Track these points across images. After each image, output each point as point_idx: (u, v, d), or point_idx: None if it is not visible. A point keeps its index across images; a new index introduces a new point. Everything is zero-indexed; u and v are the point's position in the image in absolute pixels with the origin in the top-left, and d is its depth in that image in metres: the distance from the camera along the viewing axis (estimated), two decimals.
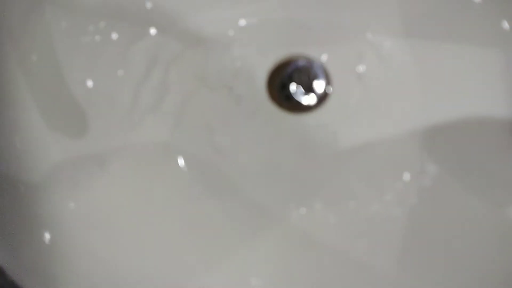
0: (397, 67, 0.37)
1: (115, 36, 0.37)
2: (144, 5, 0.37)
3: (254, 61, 0.38)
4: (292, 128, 0.38)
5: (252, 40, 0.38)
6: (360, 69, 0.38)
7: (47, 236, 0.33)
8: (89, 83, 0.36)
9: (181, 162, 0.37)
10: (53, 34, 0.35)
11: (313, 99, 0.38)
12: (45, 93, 0.35)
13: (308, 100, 0.38)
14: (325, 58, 0.38)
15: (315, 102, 0.38)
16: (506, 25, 0.34)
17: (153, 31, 0.37)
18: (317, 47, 0.38)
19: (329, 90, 0.38)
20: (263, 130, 0.38)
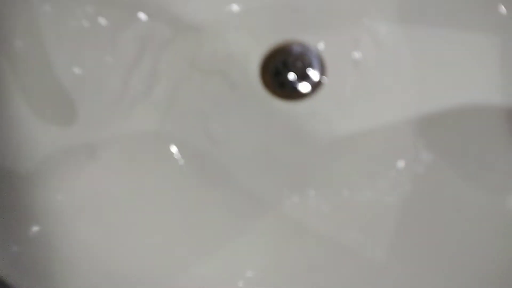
0: (393, 53, 0.37)
1: (103, 21, 0.35)
2: None
3: (247, 47, 0.37)
4: (286, 116, 0.38)
5: (246, 25, 0.37)
6: (356, 56, 0.37)
7: (36, 228, 0.31)
8: (77, 70, 0.35)
9: (173, 150, 0.36)
10: (37, 18, 0.33)
11: (307, 86, 0.38)
12: (31, 81, 0.33)
13: (303, 87, 0.38)
14: (320, 44, 0.38)
15: (310, 89, 0.38)
16: (503, 9, 0.34)
17: (143, 16, 0.36)
18: (312, 33, 0.37)
19: (323, 77, 0.38)
20: (256, 117, 0.38)
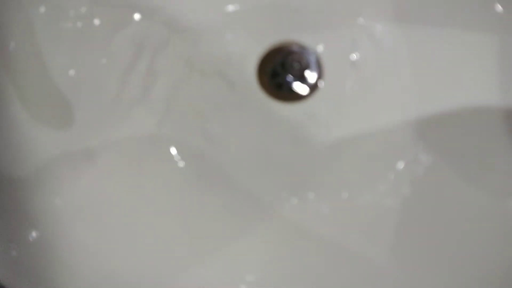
0: (391, 54, 0.37)
1: (97, 22, 0.35)
2: None
3: (244, 48, 0.37)
4: (284, 117, 0.38)
5: (243, 26, 0.37)
6: (353, 56, 0.37)
7: (34, 232, 0.31)
8: (73, 72, 0.34)
9: (171, 152, 0.36)
10: (32, 20, 0.33)
11: (305, 87, 0.38)
12: (27, 84, 0.33)
13: (300, 89, 0.38)
14: (318, 45, 0.37)
15: (307, 90, 0.38)
16: (499, 8, 0.34)
17: (138, 17, 0.36)
18: (310, 34, 0.37)
19: (321, 78, 0.38)
20: (254, 119, 0.38)
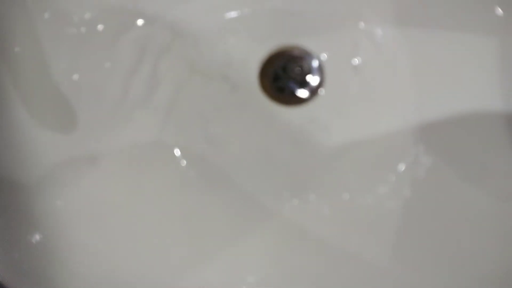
0: (391, 57, 0.37)
1: (101, 27, 0.35)
2: None
3: (246, 52, 0.37)
4: (286, 120, 0.38)
5: (244, 30, 0.37)
6: (354, 60, 0.37)
7: (37, 235, 0.31)
8: (75, 76, 0.35)
9: (173, 155, 0.36)
10: (37, 25, 0.33)
11: (306, 91, 0.38)
12: (31, 88, 0.33)
13: (302, 92, 0.38)
14: (319, 49, 0.38)
15: (309, 94, 0.38)
16: (499, 11, 0.34)
17: (141, 22, 0.36)
18: (311, 38, 0.38)
19: (322, 81, 0.38)
20: (256, 122, 0.38)
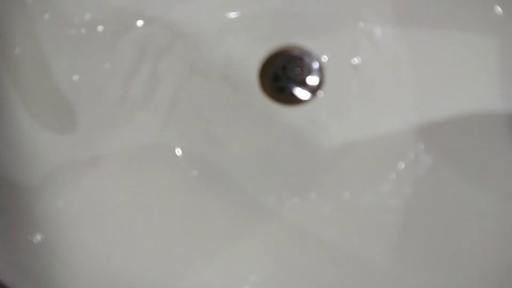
0: (392, 57, 0.37)
1: (101, 28, 0.35)
2: None
3: (246, 52, 0.38)
4: (286, 120, 0.38)
5: (244, 30, 0.37)
6: (354, 60, 0.37)
7: (39, 236, 0.31)
8: (76, 77, 0.35)
9: (174, 155, 0.37)
10: (37, 26, 0.34)
11: (306, 91, 0.38)
12: (31, 88, 0.34)
13: (302, 92, 0.38)
14: (319, 49, 0.38)
15: (309, 93, 0.38)
16: (498, 10, 0.34)
17: (141, 23, 0.36)
18: (311, 38, 0.38)
19: (322, 81, 0.38)
20: (256, 122, 0.38)
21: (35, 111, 0.33)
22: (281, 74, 0.38)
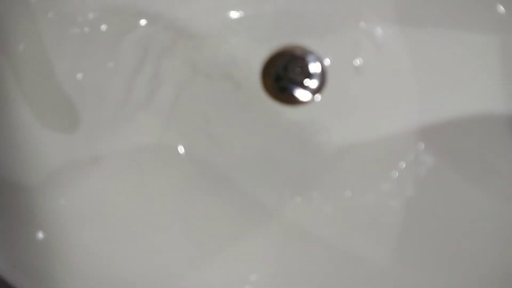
0: (393, 57, 0.37)
1: (104, 27, 0.36)
2: None
3: (248, 52, 0.38)
4: (288, 120, 0.38)
5: (246, 30, 0.37)
6: (355, 60, 0.37)
7: (41, 235, 0.31)
8: (79, 76, 0.35)
9: (176, 155, 0.36)
10: (40, 25, 0.34)
11: (308, 91, 0.38)
12: (33, 87, 0.34)
13: (304, 92, 0.38)
14: (321, 49, 0.38)
15: (311, 93, 0.38)
16: (501, 9, 0.34)
17: (144, 22, 0.36)
18: (313, 38, 0.38)
19: (324, 81, 0.38)
20: (258, 121, 0.38)
21: (37, 110, 0.34)
22: (283, 74, 0.38)
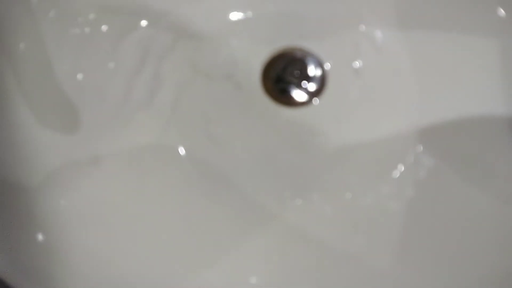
0: (393, 59, 0.37)
1: (105, 28, 0.35)
2: None
3: (248, 54, 0.38)
4: (288, 122, 0.38)
5: (246, 32, 0.37)
6: (355, 62, 0.38)
7: (41, 236, 0.31)
8: (79, 77, 0.35)
9: (176, 156, 0.36)
10: (41, 25, 0.34)
11: (309, 92, 0.38)
12: (33, 87, 0.33)
13: (304, 94, 0.38)
14: (321, 51, 0.38)
15: (311, 95, 0.38)
16: (501, 12, 0.34)
17: (144, 23, 0.36)
18: (313, 40, 0.38)
19: (324, 83, 0.38)
20: (258, 123, 0.38)
21: (37, 110, 0.33)
22: (284, 76, 0.38)
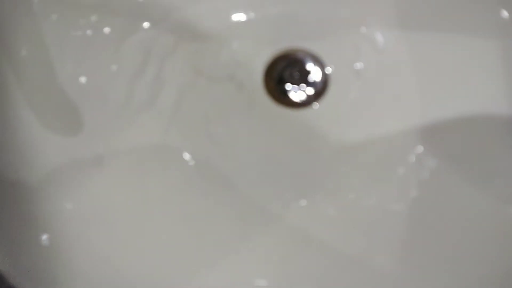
0: (395, 61, 0.37)
1: (107, 30, 0.35)
2: None
3: (250, 55, 0.38)
4: (291, 123, 0.38)
5: (249, 33, 0.37)
6: (357, 63, 0.37)
7: (45, 237, 0.31)
8: (82, 79, 0.35)
9: (179, 158, 0.36)
10: (43, 27, 0.34)
11: (311, 93, 0.38)
12: (36, 89, 0.34)
13: (305, 95, 0.38)
14: (323, 52, 0.38)
15: (313, 96, 0.38)
16: (505, 14, 0.34)
17: (146, 25, 0.36)
18: (315, 42, 0.38)
19: (326, 84, 0.38)
20: (260, 124, 0.38)
21: (40, 112, 0.33)
22: (285, 77, 0.38)
